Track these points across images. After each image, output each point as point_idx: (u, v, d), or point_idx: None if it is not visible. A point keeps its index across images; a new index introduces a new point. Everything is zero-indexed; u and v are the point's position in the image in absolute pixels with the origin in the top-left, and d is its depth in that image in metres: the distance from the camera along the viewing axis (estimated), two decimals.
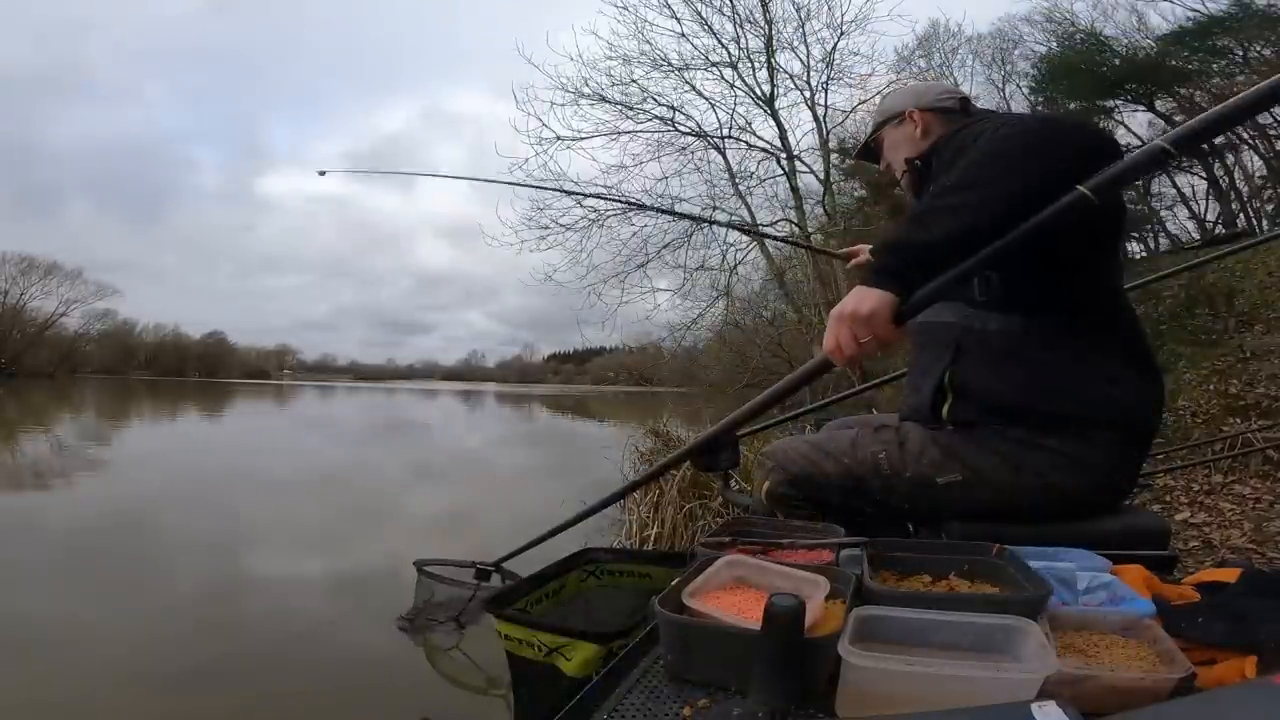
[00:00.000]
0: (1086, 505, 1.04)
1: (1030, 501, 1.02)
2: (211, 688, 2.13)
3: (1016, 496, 1.02)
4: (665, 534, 3.50)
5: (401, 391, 44.92)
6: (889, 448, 1.10)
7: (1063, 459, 1.00)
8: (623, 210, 7.65)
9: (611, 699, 0.62)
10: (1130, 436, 1.03)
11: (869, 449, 1.12)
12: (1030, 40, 12.64)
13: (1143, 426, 1.05)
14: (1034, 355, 1.00)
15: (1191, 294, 6.99)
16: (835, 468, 1.14)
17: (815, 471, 1.16)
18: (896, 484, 1.08)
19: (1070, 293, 1.01)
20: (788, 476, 1.18)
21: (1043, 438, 1.00)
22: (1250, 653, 0.60)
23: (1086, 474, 1.01)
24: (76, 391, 26.35)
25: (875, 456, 1.10)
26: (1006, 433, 1.02)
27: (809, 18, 7.70)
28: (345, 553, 3.92)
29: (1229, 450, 3.83)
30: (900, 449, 1.09)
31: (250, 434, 12.52)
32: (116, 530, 4.29)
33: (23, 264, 42.05)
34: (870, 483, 1.10)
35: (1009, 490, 1.02)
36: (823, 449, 1.17)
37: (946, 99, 1.24)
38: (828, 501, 1.16)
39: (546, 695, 1.05)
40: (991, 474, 1.02)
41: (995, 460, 1.02)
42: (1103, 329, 1.02)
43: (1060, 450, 1.00)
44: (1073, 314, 1.01)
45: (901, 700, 0.52)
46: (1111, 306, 1.05)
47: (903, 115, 1.26)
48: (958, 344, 1.06)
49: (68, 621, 2.65)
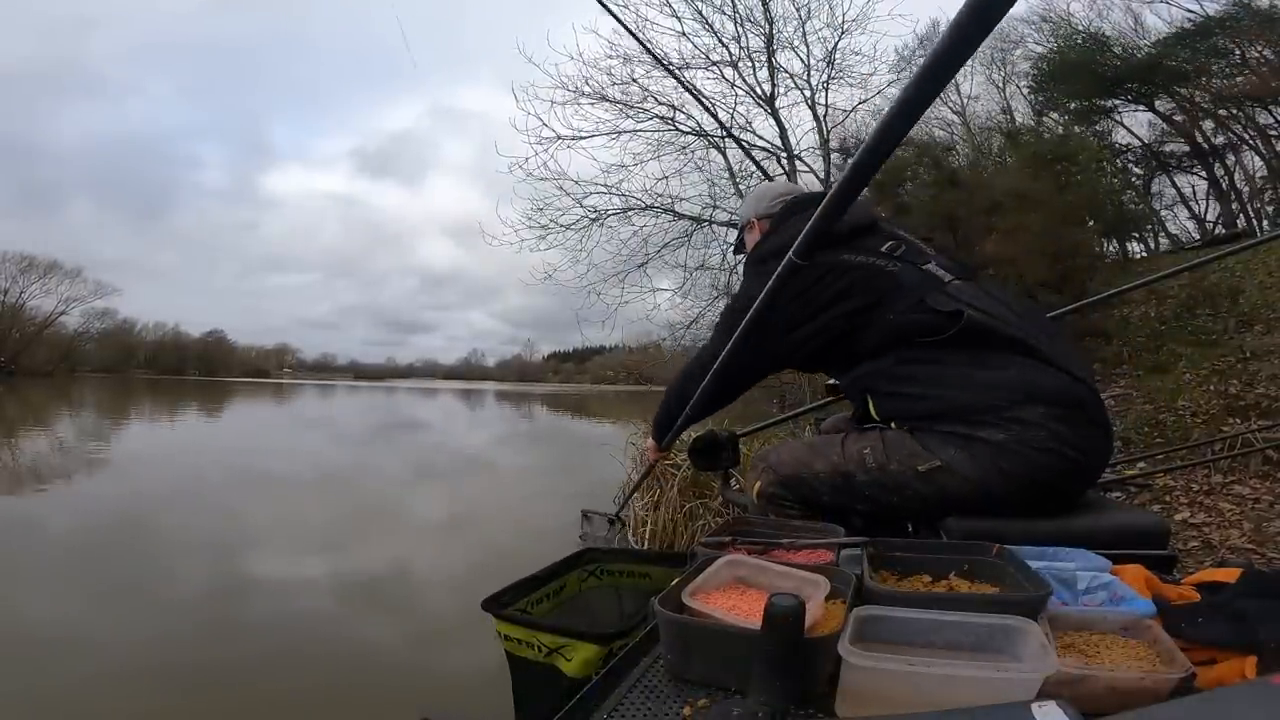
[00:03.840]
0: (1065, 491, 1.11)
1: (1004, 490, 1.07)
2: (211, 688, 2.13)
3: (988, 485, 1.08)
4: (665, 534, 3.50)
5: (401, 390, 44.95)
6: (874, 444, 1.19)
7: (1004, 446, 1.06)
8: (622, 210, 7.64)
9: (611, 699, 0.62)
10: (1059, 413, 1.06)
11: (856, 446, 1.20)
12: (1030, 40, 12.65)
13: (1066, 399, 1.08)
14: (917, 373, 1.15)
15: (1192, 294, 7.00)
16: (825, 465, 1.22)
17: (806, 471, 1.23)
18: (882, 476, 1.16)
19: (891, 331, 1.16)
20: (778, 478, 1.26)
21: (976, 430, 1.08)
22: (1250, 653, 0.60)
23: (1034, 456, 1.05)
24: (75, 390, 26.34)
25: (862, 453, 1.18)
26: (948, 431, 1.11)
27: (810, 17, 7.68)
28: (344, 553, 3.91)
29: (1229, 450, 3.83)
30: (884, 444, 1.18)
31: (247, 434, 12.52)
32: (116, 530, 4.29)
33: (23, 263, 42.10)
34: (858, 477, 1.17)
35: (978, 480, 1.08)
36: (814, 450, 1.27)
37: (776, 204, 1.47)
38: (817, 500, 1.22)
39: (546, 695, 1.05)
40: (955, 460, 1.09)
41: (953, 450, 1.10)
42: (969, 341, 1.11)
43: (994, 439, 1.07)
44: (911, 339, 1.14)
45: (901, 700, 0.52)
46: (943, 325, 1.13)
47: (750, 223, 1.52)
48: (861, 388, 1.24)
49: (68, 622, 2.65)
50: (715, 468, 1.60)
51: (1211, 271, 6.78)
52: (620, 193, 7.67)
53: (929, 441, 1.13)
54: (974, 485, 1.09)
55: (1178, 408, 5.09)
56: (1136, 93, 11.74)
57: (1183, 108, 11.67)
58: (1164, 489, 3.78)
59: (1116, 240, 12.04)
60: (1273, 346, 5.43)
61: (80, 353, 50.10)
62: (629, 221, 7.71)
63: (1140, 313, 7.59)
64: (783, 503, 1.26)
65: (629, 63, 7.56)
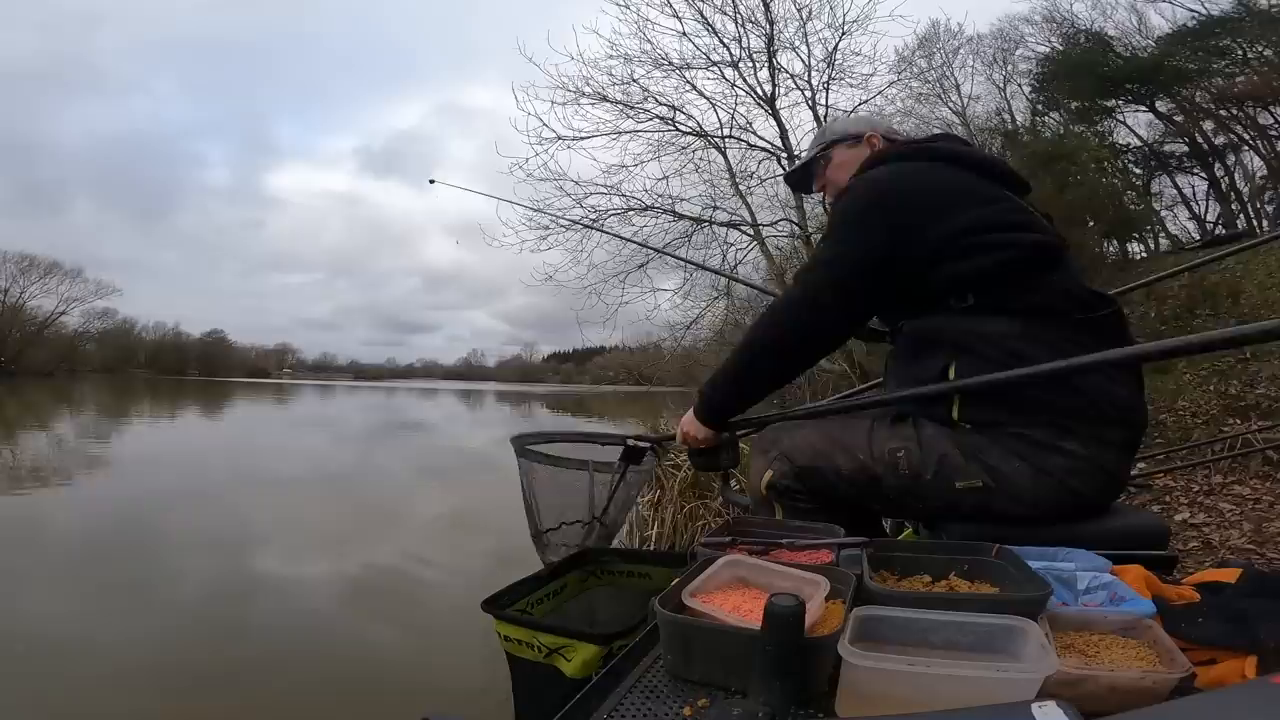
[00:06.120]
0: (1094, 508, 1.04)
1: (1045, 507, 1.00)
2: (212, 689, 2.13)
3: (1034, 501, 1.00)
4: (665, 534, 3.50)
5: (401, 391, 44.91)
6: (909, 445, 1.06)
7: (1081, 462, 0.99)
8: (623, 210, 7.65)
9: (611, 699, 0.62)
10: (1132, 438, 1.04)
11: (887, 445, 1.07)
12: (1031, 40, 12.65)
13: (1139, 428, 1.06)
14: (1040, 355, 0.96)
15: (1192, 294, 6.99)
16: (848, 461, 1.08)
17: (825, 464, 1.10)
18: (914, 485, 1.05)
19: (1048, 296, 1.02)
20: (794, 468, 1.12)
21: (1062, 439, 0.99)
22: (1250, 653, 0.59)
23: (1101, 477, 1.00)
24: (76, 390, 26.33)
25: (894, 455, 1.06)
26: (1027, 435, 1.00)
27: (810, 17, 7.69)
28: (345, 554, 3.91)
29: (1229, 450, 3.83)
30: (920, 448, 1.05)
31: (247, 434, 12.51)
32: (118, 531, 4.29)
33: (23, 262, 42.12)
34: (886, 480, 1.06)
35: (1027, 495, 1.00)
36: (833, 439, 1.12)
37: (891, 133, 1.34)
38: (833, 497, 1.10)
39: (546, 695, 1.05)
40: (1013, 478, 1.00)
41: (1017, 463, 1.00)
42: (1090, 331, 1.01)
43: (1078, 453, 0.98)
44: (1062, 316, 1.01)
45: (901, 700, 0.52)
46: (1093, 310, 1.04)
47: (861, 137, 1.33)
48: (956, 345, 1.04)
49: (69, 622, 2.65)
50: (715, 468, 1.58)
51: (1211, 271, 6.77)
52: (620, 193, 7.69)
53: (983, 449, 1.01)
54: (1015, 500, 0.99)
55: (1178, 408, 5.08)
56: (1137, 93, 11.74)
57: (1183, 108, 11.67)
58: (1164, 489, 3.78)
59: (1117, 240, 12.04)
60: (1273, 346, 5.42)
61: (80, 353, 50.11)
62: (629, 222, 7.72)
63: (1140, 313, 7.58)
64: (795, 496, 1.12)
65: (629, 63, 7.57)
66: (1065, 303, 1.02)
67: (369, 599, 3.14)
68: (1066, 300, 1.02)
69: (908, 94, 9.36)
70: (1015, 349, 0.99)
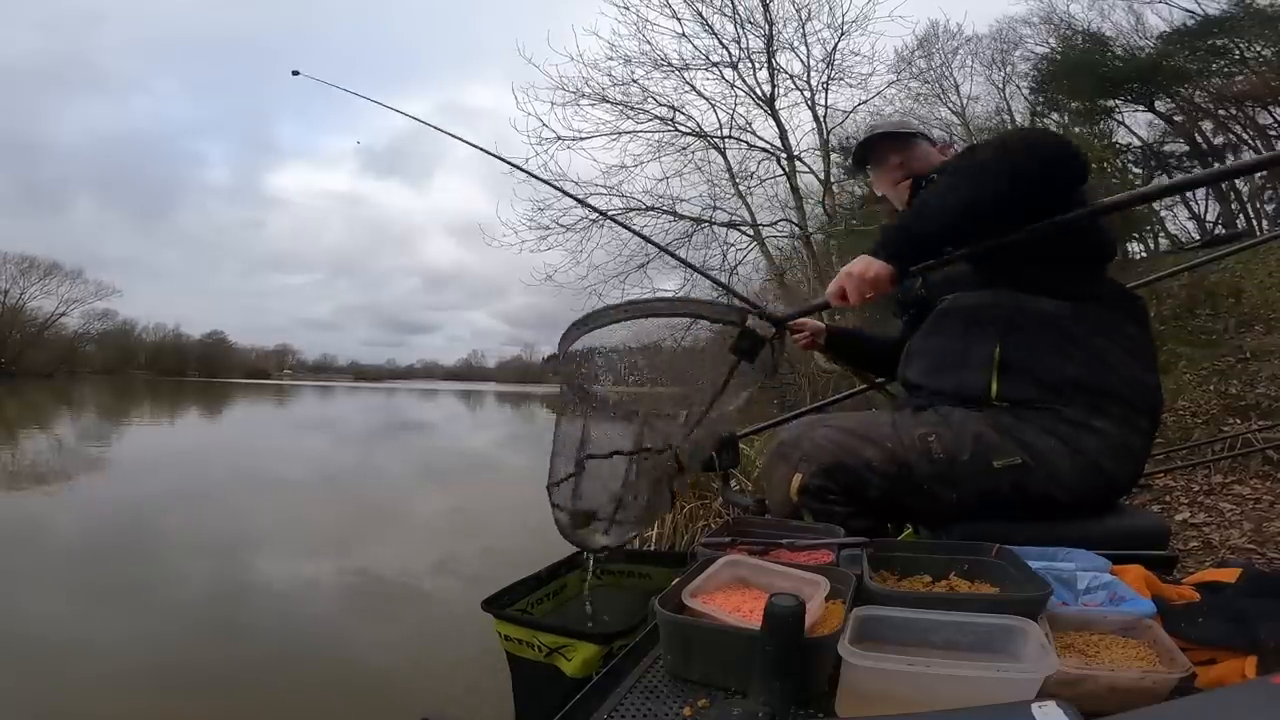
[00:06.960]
0: (1120, 493, 1.08)
1: (1079, 488, 1.01)
2: (212, 689, 2.13)
3: (1071, 481, 1.00)
4: (666, 534, 3.50)
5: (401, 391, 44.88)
6: (939, 430, 1.03)
7: (1112, 442, 1.01)
8: (623, 210, 7.65)
9: (611, 699, 0.62)
10: (1154, 426, 1.08)
11: (916, 431, 1.04)
12: (1030, 41, 12.64)
13: (1158, 419, 1.10)
14: (1087, 336, 1.03)
15: (1192, 294, 6.99)
16: (877, 453, 1.04)
17: (852, 459, 1.05)
18: (949, 470, 1.01)
19: (1097, 286, 1.08)
20: (820, 467, 1.06)
21: (1094, 419, 1.01)
22: (1250, 653, 0.59)
23: (1129, 460, 1.03)
24: (76, 391, 26.33)
25: (924, 440, 1.03)
26: (1062, 413, 1.01)
27: (809, 18, 7.70)
28: (345, 554, 3.91)
29: (1229, 450, 3.82)
30: (951, 430, 1.02)
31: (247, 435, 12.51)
32: (119, 531, 4.28)
33: (23, 264, 42.12)
34: (919, 468, 1.02)
35: (1064, 474, 1.00)
36: (857, 434, 1.08)
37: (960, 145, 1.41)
38: (866, 494, 1.05)
39: (546, 695, 1.05)
40: (1049, 456, 0.99)
41: (1053, 442, 1.00)
42: (1132, 321, 1.08)
43: (1110, 433, 1.01)
44: (1108, 304, 1.07)
45: (901, 700, 0.52)
46: (1130, 303, 1.12)
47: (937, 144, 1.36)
48: (1009, 321, 1.05)
49: (70, 623, 2.65)
50: (715, 468, 1.58)
51: (1211, 271, 6.76)
52: (620, 193, 7.69)
53: (1017, 427, 1.01)
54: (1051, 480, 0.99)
55: (1178, 408, 5.08)
56: (1136, 93, 11.73)
57: (1183, 108, 11.67)
58: (1164, 489, 3.78)
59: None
60: (1273, 346, 5.42)
61: (80, 354, 50.11)
62: (629, 222, 7.72)
63: None
64: (827, 496, 1.06)
65: (629, 64, 7.58)
66: (1109, 292, 1.09)
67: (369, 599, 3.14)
68: (1110, 290, 1.10)
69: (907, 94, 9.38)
70: (1067, 329, 1.03)
